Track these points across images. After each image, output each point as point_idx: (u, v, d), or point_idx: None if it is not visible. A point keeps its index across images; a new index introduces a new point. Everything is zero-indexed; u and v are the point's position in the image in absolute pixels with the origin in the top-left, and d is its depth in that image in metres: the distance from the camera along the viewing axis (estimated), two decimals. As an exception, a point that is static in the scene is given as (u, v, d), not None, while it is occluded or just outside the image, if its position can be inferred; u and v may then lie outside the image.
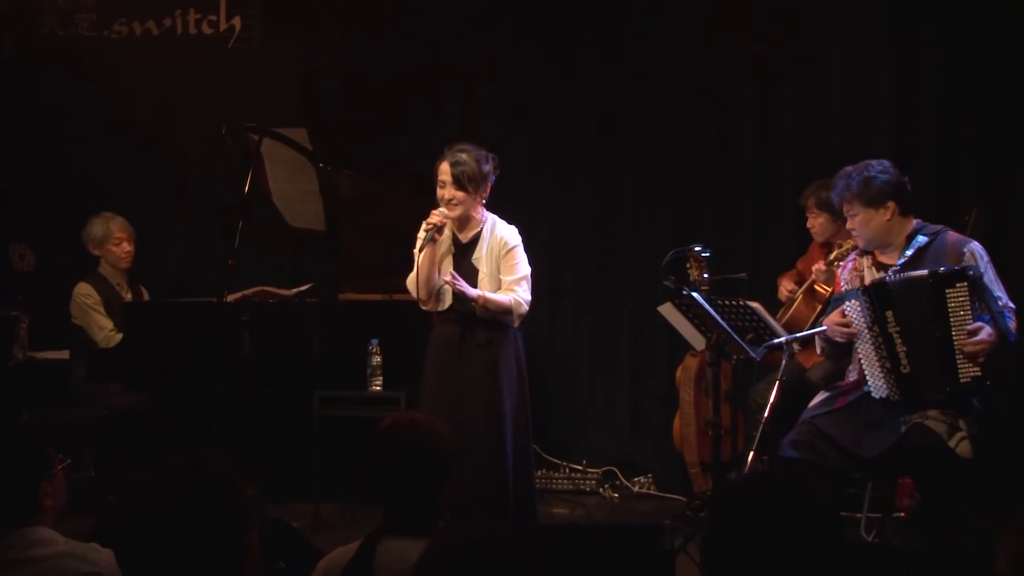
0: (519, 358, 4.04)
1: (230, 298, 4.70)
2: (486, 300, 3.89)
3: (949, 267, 3.32)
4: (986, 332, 3.30)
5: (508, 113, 5.50)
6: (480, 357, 3.93)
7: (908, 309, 3.36)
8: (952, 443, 3.30)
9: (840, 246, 4.23)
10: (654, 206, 5.45)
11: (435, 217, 3.87)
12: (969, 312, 3.29)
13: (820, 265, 4.40)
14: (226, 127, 4.81)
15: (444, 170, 3.90)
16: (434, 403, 3.92)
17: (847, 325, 3.46)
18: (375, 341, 4.57)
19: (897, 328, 3.37)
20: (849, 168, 3.56)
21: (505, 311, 3.90)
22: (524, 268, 3.98)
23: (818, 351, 3.75)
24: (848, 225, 3.59)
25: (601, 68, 5.46)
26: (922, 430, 3.34)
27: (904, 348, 3.36)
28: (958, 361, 3.29)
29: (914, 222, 3.55)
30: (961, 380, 3.29)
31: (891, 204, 3.48)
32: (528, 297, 3.96)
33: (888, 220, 3.49)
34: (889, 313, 3.37)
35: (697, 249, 4.39)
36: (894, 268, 3.49)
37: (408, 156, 5.11)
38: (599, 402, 5.51)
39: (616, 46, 5.42)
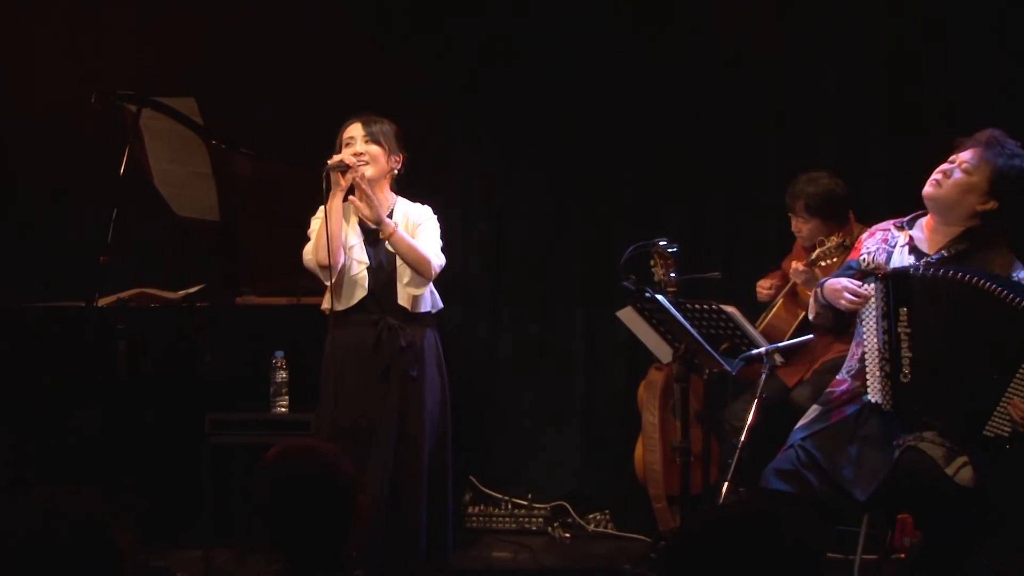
0: (441, 364, 4.06)
1: (102, 302, 4.67)
2: (402, 236, 3.90)
3: None
4: None
5: (440, 94, 5.51)
6: (400, 367, 3.94)
7: (927, 311, 3.37)
8: (951, 470, 3.32)
9: (823, 243, 4.28)
10: (612, 196, 5.47)
11: (346, 158, 3.92)
12: None
13: (798, 265, 4.41)
14: (96, 95, 4.76)
15: (354, 128, 3.98)
16: (340, 426, 3.92)
17: (856, 295, 3.43)
18: (280, 354, 4.55)
19: (908, 330, 3.38)
20: (1008, 139, 3.45)
21: (420, 260, 3.91)
22: (438, 241, 4.02)
23: (810, 316, 3.72)
24: (945, 165, 3.46)
25: (549, 45, 5.49)
26: (915, 455, 3.36)
27: (909, 355, 3.38)
28: (996, 411, 3.28)
29: (981, 224, 3.47)
30: (985, 431, 3.30)
31: (994, 203, 3.43)
32: (442, 262, 3.99)
33: (978, 208, 3.42)
34: (903, 311, 3.38)
35: (662, 244, 4.40)
36: (928, 259, 3.47)
37: (322, 141, 5.06)
38: (547, 425, 5.52)
39: (571, 23, 5.46)
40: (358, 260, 3.98)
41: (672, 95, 5.42)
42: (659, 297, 3.91)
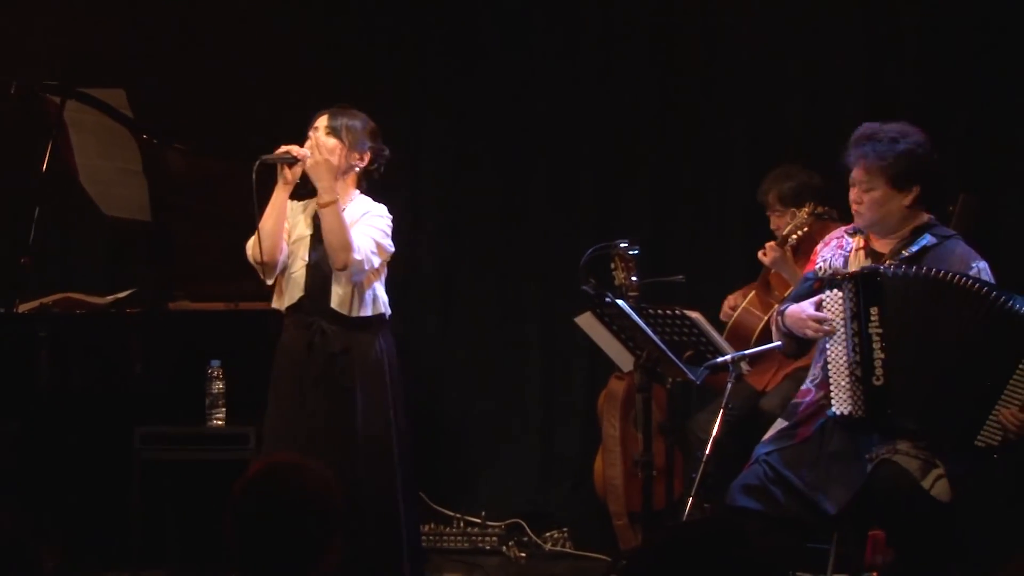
0: (387, 376, 4.00)
1: (23, 308, 4.64)
2: (337, 212, 3.81)
3: None
4: None
5: (389, 89, 5.49)
6: (332, 372, 3.91)
7: (900, 312, 3.39)
8: (926, 483, 3.34)
9: (794, 216, 4.28)
10: (570, 196, 5.48)
11: (294, 149, 3.89)
12: None
13: (771, 245, 4.43)
14: (16, 85, 4.72)
15: (322, 119, 3.96)
16: (276, 436, 3.90)
17: (821, 322, 3.47)
18: (216, 363, 4.53)
19: (879, 330, 3.39)
20: (876, 126, 3.53)
21: (342, 244, 3.81)
22: (380, 236, 3.94)
23: (775, 338, 3.74)
24: (853, 195, 3.56)
25: (504, 39, 5.49)
26: (890, 468, 3.37)
27: (882, 356, 3.39)
28: (988, 421, 3.30)
29: (927, 216, 3.57)
30: (976, 442, 3.32)
31: (916, 189, 3.50)
32: (373, 262, 3.90)
33: (907, 206, 3.52)
34: (874, 310, 3.40)
35: (623, 246, 4.40)
36: (892, 262, 3.51)
37: (258, 134, 5.03)
38: (501, 438, 5.51)
39: (527, 19, 5.47)
40: (300, 256, 3.94)
41: (634, 92, 5.43)
42: (620, 302, 3.92)
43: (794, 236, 4.41)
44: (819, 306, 3.50)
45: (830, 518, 3.42)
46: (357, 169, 3.98)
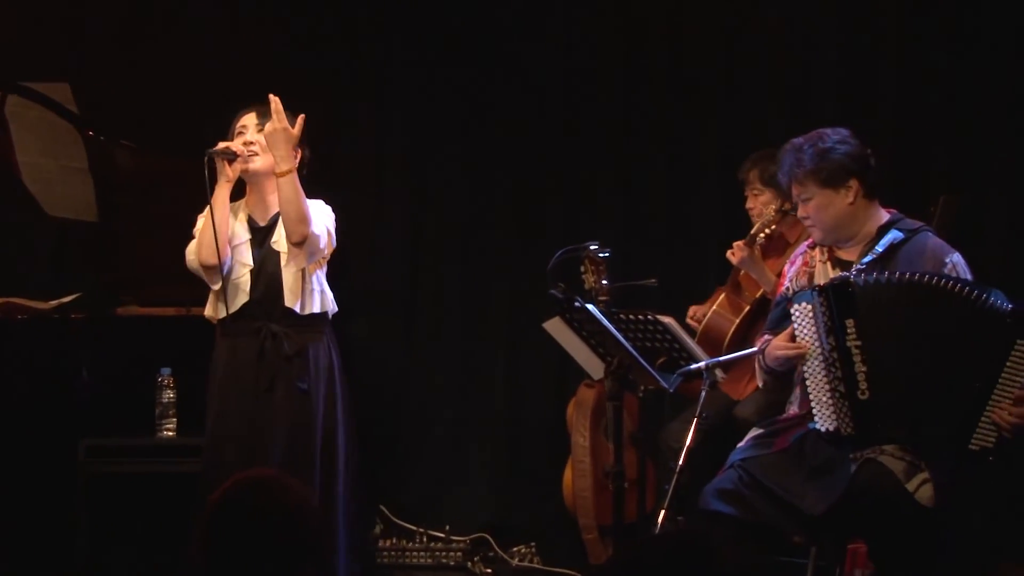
0: (338, 376, 4.03)
1: (-39, 313, 4.59)
2: (296, 183, 3.84)
3: None
4: None
5: (346, 85, 5.49)
6: (286, 380, 3.92)
7: (877, 321, 3.41)
8: (911, 486, 3.36)
9: (762, 215, 4.30)
10: (538, 196, 5.48)
11: (232, 145, 3.92)
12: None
13: (739, 245, 4.45)
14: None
15: (248, 116, 4.00)
16: (218, 449, 3.90)
17: (796, 348, 3.48)
18: (166, 371, 4.53)
19: (858, 343, 3.41)
20: (798, 140, 3.61)
21: (301, 216, 3.85)
22: (329, 223, 3.99)
23: (759, 383, 3.79)
24: (800, 212, 3.64)
25: (467, 33, 5.50)
26: (874, 469, 3.40)
27: (864, 369, 3.41)
28: (981, 422, 3.33)
29: (887, 212, 3.62)
30: (971, 445, 3.34)
31: (854, 183, 3.55)
32: (325, 244, 3.94)
33: (851, 204, 3.56)
34: (850, 323, 3.41)
35: (593, 248, 4.42)
36: (858, 266, 3.55)
37: (216, 131, 5.02)
38: (466, 449, 5.51)
39: (494, 12, 5.49)
40: (242, 262, 3.97)
41: (604, 87, 5.44)
42: (589, 307, 3.91)
43: (762, 235, 4.44)
44: (792, 336, 3.51)
45: (811, 521, 3.42)
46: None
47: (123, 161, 4.90)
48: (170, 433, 4.51)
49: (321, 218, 3.96)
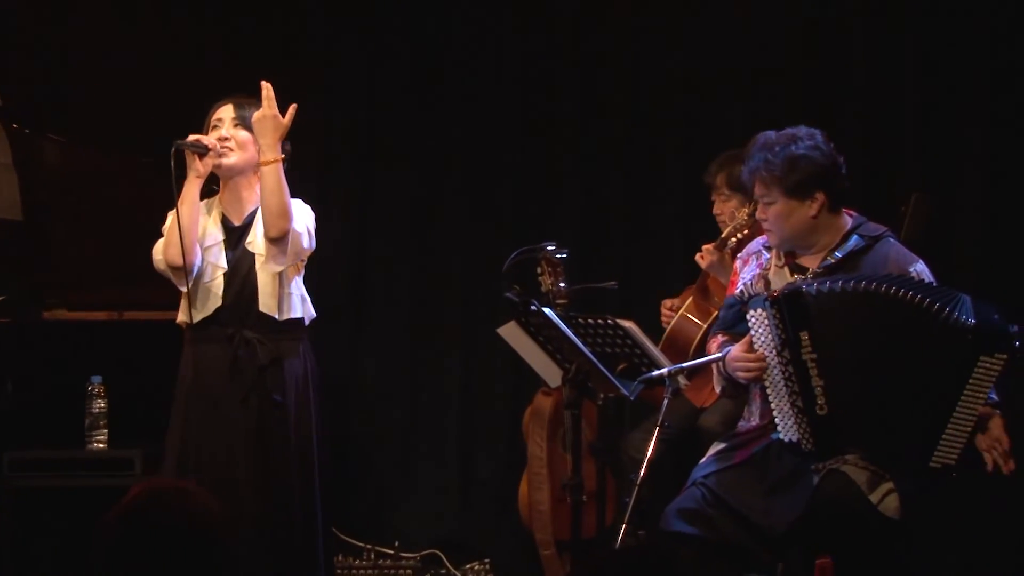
0: (312, 386, 4.01)
1: None
2: (280, 175, 3.83)
3: (999, 324, 3.33)
4: (998, 422, 3.34)
5: (297, 81, 5.41)
6: (261, 390, 3.89)
7: (831, 332, 3.41)
8: (874, 497, 3.37)
9: (733, 218, 4.32)
10: (492, 195, 5.48)
11: (204, 138, 3.90)
12: (989, 390, 3.34)
13: (708, 248, 4.46)
14: None
15: (224, 110, 3.96)
16: (186, 463, 3.86)
17: (756, 360, 3.47)
18: (97, 379, 4.50)
19: (813, 356, 3.41)
20: (770, 134, 3.56)
21: (283, 210, 3.83)
22: (311, 224, 3.99)
23: (716, 390, 3.79)
24: (759, 214, 3.60)
25: (419, 26, 5.50)
26: (837, 480, 3.40)
27: (821, 383, 3.41)
28: (943, 440, 3.34)
29: (849, 219, 3.59)
30: (932, 463, 3.35)
31: (820, 196, 3.50)
32: (305, 245, 3.93)
33: (813, 217, 3.52)
34: (804, 335, 3.40)
35: (551, 249, 4.41)
36: (815, 271, 3.54)
37: (151, 124, 4.99)
38: (416, 461, 5.51)
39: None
40: (215, 264, 3.92)
41: (562, 81, 5.45)
42: (546, 310, 3.91)
43: (733, 239, 4.45)
44: (750, 345, 3.50)
45: (776, 540, 3.44)
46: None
47: (51, 156, 4.86)
48: (101, 445, 4.47)
49: (302, 217, 3.94)
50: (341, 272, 5.52)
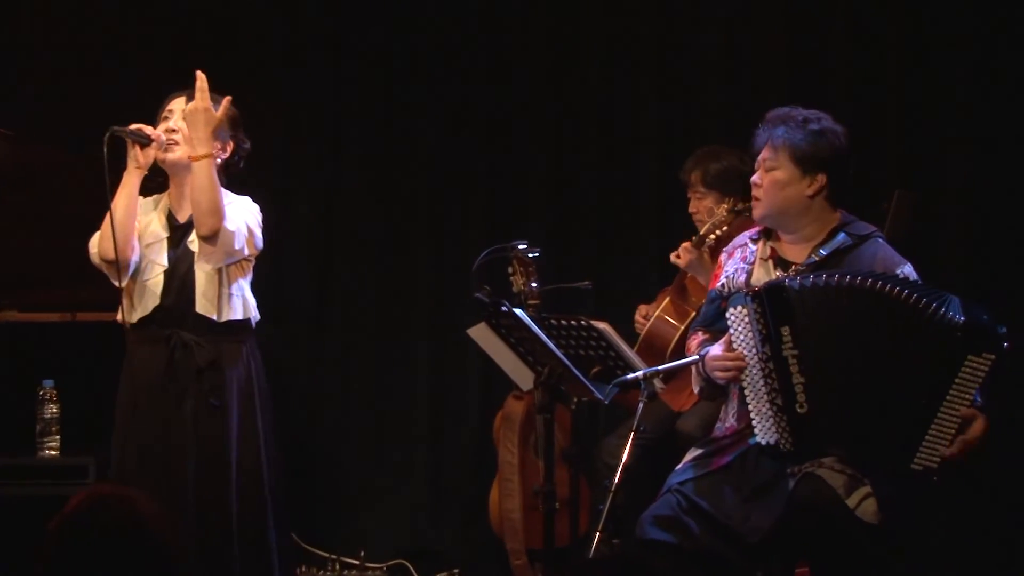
0: (257, 391, 4.00)
1: None
2: (212, 171, 3.80)
3: (988, 324, 3.35)
4: (980, 425, 3.35)
5: (250, 71, 5.46)
6: (201, 389, 3.89)
7: (814, 327, 3.42)
8: (851, 501, 3.37)
9: (712, 214, 4.32)
10: (462, 192, 5.48)
11: (147, 128, 3.89)
12: (975, 391, 3.35)
13: (686, 246, 4.47)
14: None
15: (177, 101, 3.96)
16: (126, 468, 3.86)
17: (735, 359, 3.49)
18: (49, 383, 4.48)
19: (795, 352, 3.42)
20: (799, 110, 3.62)
21: (214, 207, 3.80)
22: (252, 223, 3.97)
23: (695, 391, 3.80)
24: (754, 178, 3.63)
25: (381, 20, 5.50)
26: (812, 484, 3.41)
27: (802, 380, 3.42)
28: (926, 440, 3.35)
29: (840, 214, 3.64)
30: (914, 465, 3.36)
31: (822, 178, 3.56)
32: (244, 245, 3.90)
33: (809, 196, 3.57)
34: (786, 330, 3.42)
35: (522, 248, 4.42)
36: (798, 267, 3.57)
37: (102, 114, 4.96)
38: (383, 467, 5.50)
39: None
40: (155, 262, 3.91)
41: (532, 74, 5.45)
42: (518, 311, 3.91)
43: (712, 236, 4.45)
44: (730, 344, 3.52)
45: (753, 548, 3.44)
46: (219, 160, 3.96)
47: (-2, 152, 4.83)
48: (53, 452, 4.46)
49: (241, 215, 3.92)
50: (304, 272, 5.53)
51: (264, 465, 3.97)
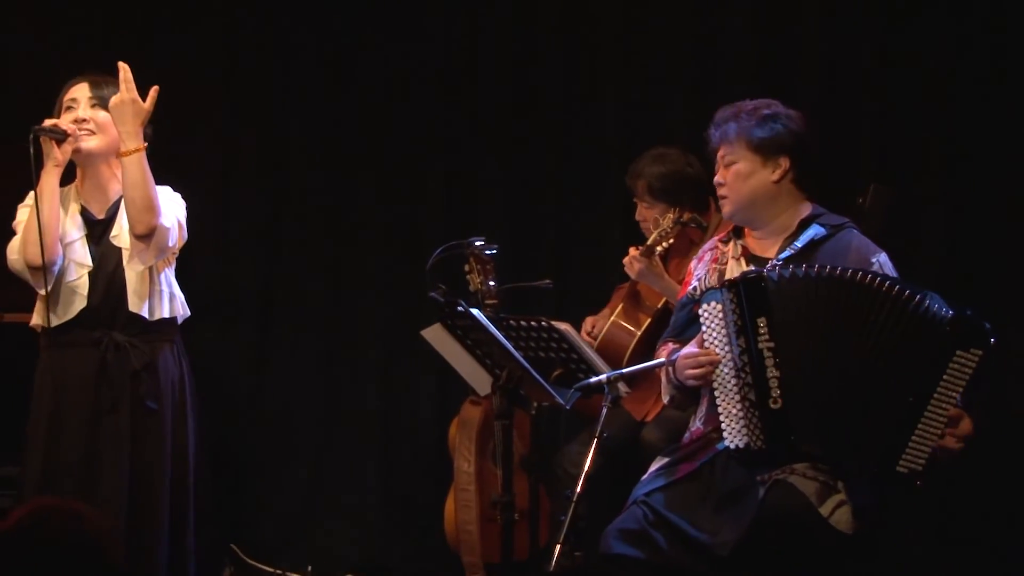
0: (188, 390, 4.00)
1: None
2: (143, 164, 3.80)
3: (974, 318, 3.37)
4: (968, 425, 3.37)
5: (192, 70, 5.45)
6: (133, 397, 3.87)
7: (791, 319, 3.43)
8: (824, 510, 3.38)
9: (657, 224, 4.33)
10: (417, 187, 5.48)
11: (62, 123, 3.86)
12: (962, 387, 3.36)
13: (635, 255, 4.49)
14: None
15: (79, 89, 3.93)
16: (53, 478, 3.82)
17: (707, 355, 3.49)
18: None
19: (771, 344, 3.42)
20: (747, 101, 3.68)
21: (148, 203, 3.81)
22: (180, 214, 3.98)
23: (665, 399, 3.79)
24: (717, 178, 3.67)
25: (326, 7, 5.50)
26: (783, 492, 3.41)
27: (777, 374, 3.42)
28: (912, 441, 3.35)
29: (811, 206, 3.67)
30: (899, 467, 3.36)
31: (784, 162, 3.61)
32: (175, 239, 3.92)
33: (775, 182, 3.61)
34: (762, 321, 3.43)
35: (479, 245, 4.42)
36: (774, 261, 3.58)
37: (31, 103, 4.93)
38: (332, 478, 5.49)
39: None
40: (78, 262, 3.89)
41: (491, 63, 5.45)
42: (474, 312, 3.90)
43: (660, 247, 4.47)
44: (702, 342, 3.53)
45: (724, 561, 3.43)
46: None
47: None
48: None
49: (171, 207, 3.92)
50: (247, 271, 5.50)
51: (191, 471, 3.97)
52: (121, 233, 3.90)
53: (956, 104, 5.05)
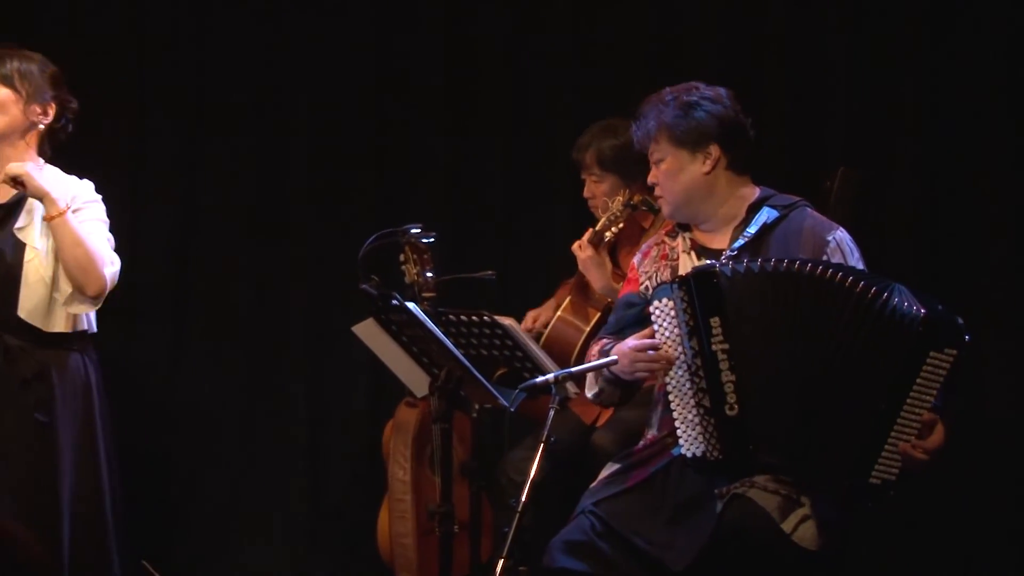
0: (95, 406, 3.97)
1: None
2: (72, 225, 3.83)
3: (947, 315, 3.38)
4: (941, 432, 3.37)
5: (103, 56, 5.41)
6: (26, 403, 3.85)
7: (747, 319, 3.44)
8: (787, 526, 3.39)
9: (607, 207, 4.36)
10: (347, 172, 5.48)
11: None
12: (935, 392, 3.37)
13: (582, 241, 4.49)
14: None
15: None
16: None
17: (655, 350, 3.50)
18: None
19: (724, 346, 3.43)
20: (667, 90, 3.68)
21: (89, 263, 3.85)
22: (109, 236, 4.02)
23: (588, 394, 3.81)
24: (650, 178, 3.71)
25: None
26: (742, 507, 3.42)
27: (732, 378, 3.43)
28: (886, 449, 3.35)
29: (758, 189, 3.69)
30: (871, 478, 3.36)
31: (714, 150, 3.62)
32: (117, 269, 3.97)
33: (707, 173, 3.63)
34: (715, 321, 3.43)
35: (415, 233, 4.41)
36: (728, 253, 3.60)
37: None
38: (254, 488, 5.47)
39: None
40: None
41: (426, 43, 5.45)
42: (410, 305, 3.90)
43: (608, 234, 4.48)
44: (652, 334, 3.55)
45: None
46: (41, 127, 3.97)
47: None
48: None
49: (102, 233, 3.96)
50: (160, 264, 5.47)
51: (106, 492, 3.96)
52: (30, 227, 3.89)
53: (926, 86, 5.10)
